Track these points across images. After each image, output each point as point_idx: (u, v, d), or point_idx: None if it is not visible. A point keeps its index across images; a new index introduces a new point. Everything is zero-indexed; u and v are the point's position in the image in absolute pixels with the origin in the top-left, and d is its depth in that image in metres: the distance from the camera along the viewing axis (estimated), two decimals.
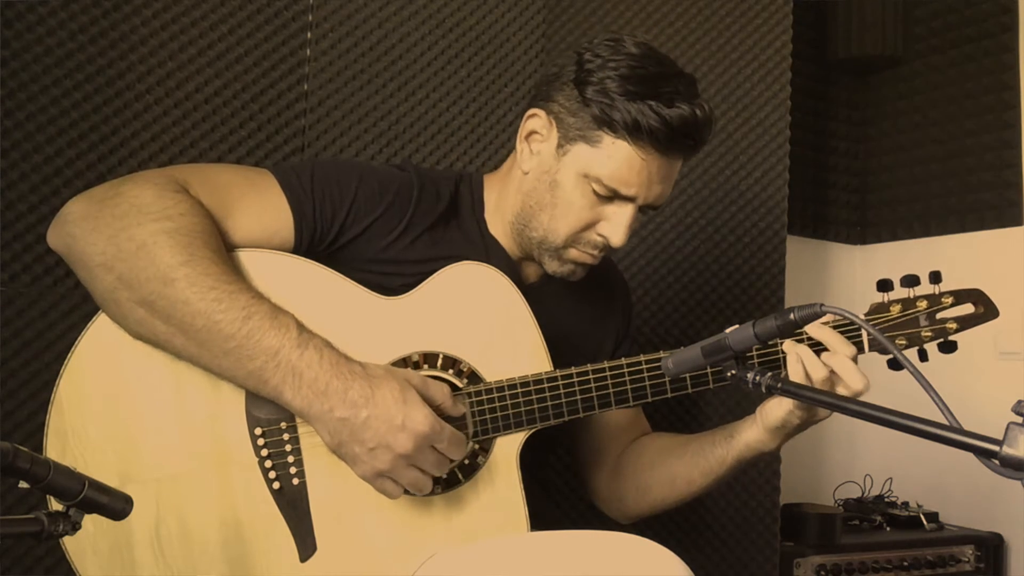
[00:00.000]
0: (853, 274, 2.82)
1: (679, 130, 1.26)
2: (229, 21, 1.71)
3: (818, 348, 1.23)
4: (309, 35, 1.78)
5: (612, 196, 1.29)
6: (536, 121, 1.34)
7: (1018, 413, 0.76)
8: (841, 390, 1.20)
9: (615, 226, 1.31)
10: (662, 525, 2.00)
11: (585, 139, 1.28)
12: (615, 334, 1.52)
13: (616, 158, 1.27)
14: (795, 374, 1.20)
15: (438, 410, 1.18)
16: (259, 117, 1.73)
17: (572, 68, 1.31)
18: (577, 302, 1.48)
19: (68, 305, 1.56)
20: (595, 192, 1.29)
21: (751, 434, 1.31)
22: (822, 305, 0.95)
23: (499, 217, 1.40)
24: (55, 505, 0.88)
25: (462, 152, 1.89)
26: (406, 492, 1.18)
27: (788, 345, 1.22)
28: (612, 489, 1.50)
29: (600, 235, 1.32)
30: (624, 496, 1.48)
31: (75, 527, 0.83)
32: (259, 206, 1.24)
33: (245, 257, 1.22)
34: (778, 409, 1.26)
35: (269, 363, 1.12)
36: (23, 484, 0.80)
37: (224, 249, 1.19)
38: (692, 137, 1.29)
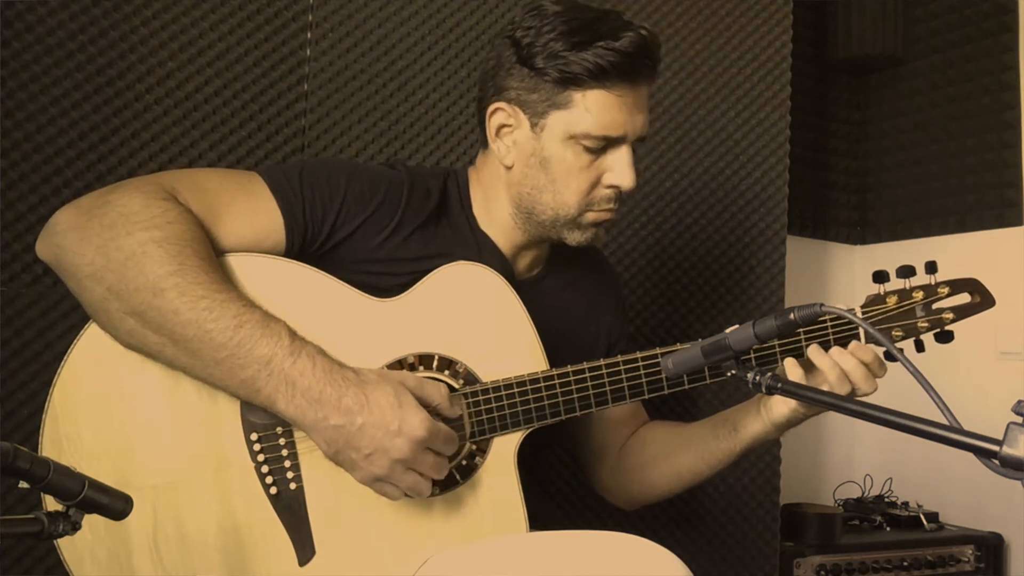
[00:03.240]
0: (853, 274, 2.82)
1: (637, 55, 1.28)
2: (229, 21, 1.71)
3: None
4: (309, 35, 1.78)
5: (604, 146, 1.31)
6: (500, 115, 1.34)
7: (1018, 413, 0.76)
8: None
9: (620, 171, 1.32)
10: (662, 525, 2.01)
11: (556, 106, 1.29)
12: (608, 329, 1.52)
13: (593, 108, 1.28)
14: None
15: (435, 411, 1.18)
16: (259, 117, 1.73)
17: (510, 52, 1.32)
18: (570, 297, 1.48)
19: (68, 305, 1.56)
20: (586, 149, 1.30)
21: (756, 427, 1.34)
22: (822, 305, 0.96)
23: (488, 213, 1.39)
24: (52, 504, 0.88)
25: (462, 152, 1.89)
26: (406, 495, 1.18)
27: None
28: (617, 483, 1.52)
29: (610, 186, 1.33)
30: (630, 489, 1.50)
31: (75, 527, 0.83)
32: (248, 210, 1.23)
33: (235, 261, 1.21)
34: (783, 406, 1.30)
35: (262, 372, 1.11)
36: (23, 484, 0.80)
37: (214, 256, 1.18)
38: (650, 57, 1.31)
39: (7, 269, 1.53)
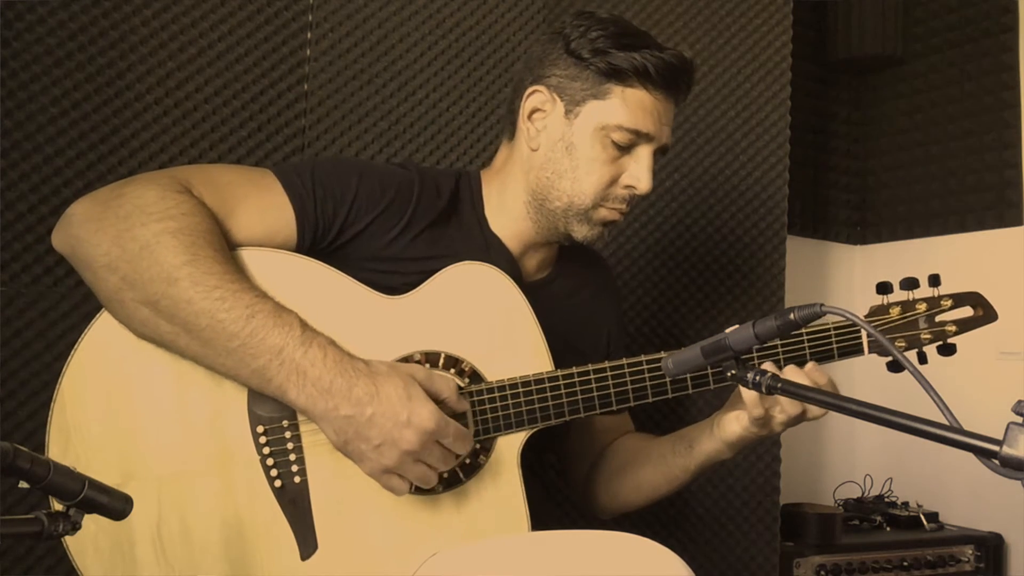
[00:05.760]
0: (853, 274, 2.82)
1: (679, 68, 1.35)
2: (229, 21, 1.71)
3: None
4: (309, 35, 1.78)
5: (631, 143, 1.33)
6: (538, 97, 1.36)
7: (1018, 413, 0.76)
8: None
9: (640, 172, 1.35)
10: (662, 525, 2.01)
11: (595, 96, 1.33)
12: (607, 337, 1.53)
13: (630, 103, 1.32)
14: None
15: (443, 405, 1.18)
16: (259, 117, 1.73)
17: (558, 44, 1.36)
18: (574, 299, 1.49)
19: (68, 305, 1.56)
20: (614, 144, 1.33)
21: (709, 446, 1.33)
22: (822, 305, 0.95)
23: (500, 211, 1.40)
24: (55, 505, 0.88)
25: (462, 152, 1.89)
26: (417, 490, 1.18)
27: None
28: (589, 490, 1.53)
29: (627, 186, 1.35)
30: (600, 497, 1.51)
31: (75, 527, 0.83)
32: (261, 205, 1.25)
33: (247, 256, 1.23)
34: (735, 424, 1.28)
35: (273, 362, 1.12)
36: (23, 484, 0.80)
37: (227, 248, 1.19)
38: (688, 73, 1.37)
39: (7, 269, 1.53)
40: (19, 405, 1.53)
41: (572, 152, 1.34)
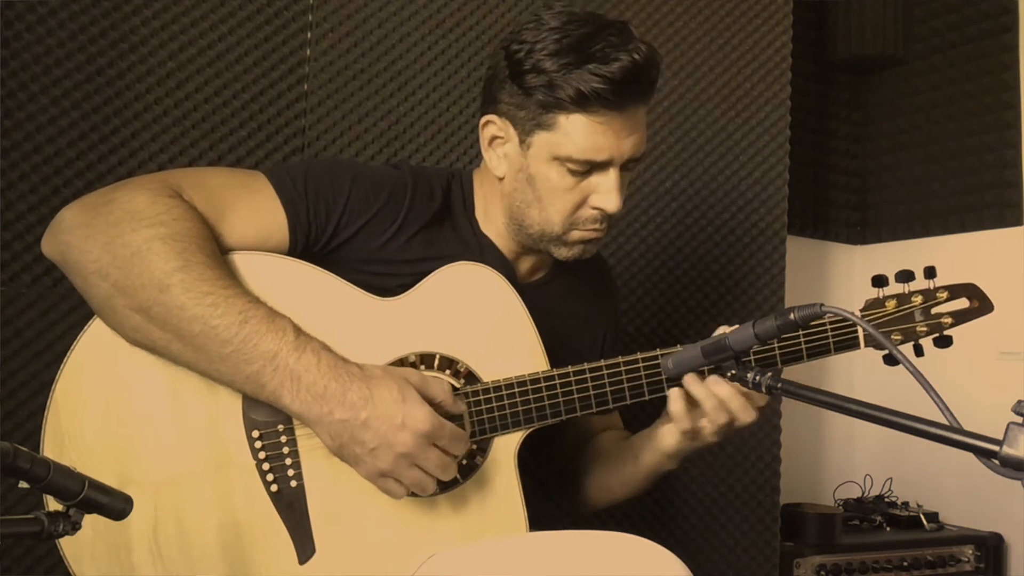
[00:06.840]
0: (853, 274, 2.82)
1: (625, 82, 1.23)
2: (229, 21, 1.71)
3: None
4: (309, 35, 1.78)
5: (588, 169, 1.28)
6: (492, 127, 1.33)
7: (1018, 413, 0.76)
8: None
9: (606, 194, 1.29)
10: (662, 525, 2.01)
11: (541, 126, 1.27)
12: (603, 338, 1.52)
13: (576, 133, 1.25)
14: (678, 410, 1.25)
15: (438, 407, 1.18)
16: (259, 117, 1.73)
17: (504, 64, 1.30)
18: (570, 300, 1.48)
19: (68, 305, 1.56)
20: (571, 171, 1.28)
21: (650, 457, 1.34)
22: (822, 305, 0.96)
23: (490, 220, 1.40)
24: (55, 505, 0.88)
25: (462, 152, 1.89)
26: (411, 494, 1.18)
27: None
28: (564, 485, 1.53)
29: (595, 208, 1.31)
30: (571, 493, 1.51)
31: (75, 527, 0.83)
32: (253, 209, 1.24)
33: (240, 260, 1.22)
34: (669, 437, 1.29)
35: (267, 367, 1.12)
36: (23, 484, 0.80)
37: (219, 253, 1.18)
38: (640, 82, 1.26)
39: (7, 269, 1.53)
40: (19, 405, 1.53)
41: (533, 183, 1.30)
